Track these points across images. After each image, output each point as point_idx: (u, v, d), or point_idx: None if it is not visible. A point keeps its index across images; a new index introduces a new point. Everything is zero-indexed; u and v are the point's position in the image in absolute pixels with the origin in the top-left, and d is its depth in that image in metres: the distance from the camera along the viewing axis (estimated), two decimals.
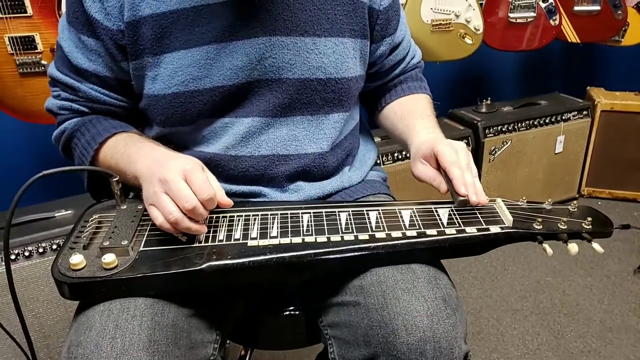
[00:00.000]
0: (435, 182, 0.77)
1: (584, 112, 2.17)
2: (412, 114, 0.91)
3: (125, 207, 0.75)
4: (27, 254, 1.30)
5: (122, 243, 0.67)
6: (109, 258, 0.64)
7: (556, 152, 2.17)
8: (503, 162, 2.06)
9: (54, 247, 1.33)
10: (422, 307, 0.65)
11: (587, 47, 2.16)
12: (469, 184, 0.72)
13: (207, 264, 0.65)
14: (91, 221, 0.74)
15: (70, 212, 1.39)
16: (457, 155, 0.74)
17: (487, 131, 1.99)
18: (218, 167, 0.80)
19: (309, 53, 0.79)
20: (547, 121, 2.10)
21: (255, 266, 0.66)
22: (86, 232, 0.71)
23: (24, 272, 1.31)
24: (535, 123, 2.08)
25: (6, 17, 1.22)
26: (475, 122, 2.00)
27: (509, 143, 2.04)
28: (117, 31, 0.74)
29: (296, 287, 0.84)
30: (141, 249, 0.68)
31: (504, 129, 2.02)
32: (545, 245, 0.71)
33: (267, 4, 0.75)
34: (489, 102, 2.11)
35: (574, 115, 2.15)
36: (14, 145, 1.64)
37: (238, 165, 0.80)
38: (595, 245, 0.71)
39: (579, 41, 2.11)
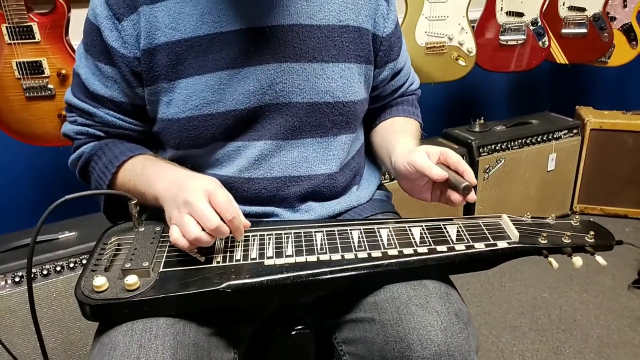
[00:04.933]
0: (434, 170, 0.75)
1: (574, 131, 2.22)
2: (403, 131, 0.93)
3: (143, 229, 0.77)
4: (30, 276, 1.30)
5: (143, 264, 0.69)
6: (132, 280, 0.66)
7: (548, 170, 2.22)
8: (497, 180, 2.10)
9: (58, 268, 1.33)
10: (436, 321, 0.67)
11: (575, 67, 2.23)
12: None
13: (226, 283, 0.67)
14: (110, 243, 0.75)
15: (74, 233, 1.40)
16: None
17: (481, 150, 2.04)
18: (232, 189, 0.82)
19: (318, 78, 0.82)
20: (538, 140, 2.15)
21: (273, 285, 0.68)
22: (106, 254, 0.73)
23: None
24: (528, 142, 2.13)
25: (15, 43, 1.25)
26: (470, 141, 2.05)
27: (502, 161, 2.09)
28: (133, 58, 0.77)
29: (307, 305, 0.86)
30: (161, 269, 0.70)
31: (497, 148, 2.07)
32: (551, 259, 0.74)
33: (278, 32, 0.79)
34: (482, 121, 2.16)
35: (564, 134, 2.21)
36: (20, 170, 1.65)
37: (251, 187, 0.83)
38: (599, 258, 0.74)
39: (567, 62, 2.18)
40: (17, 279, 1.29)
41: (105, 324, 0.68)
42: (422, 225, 0.78)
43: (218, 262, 0.71)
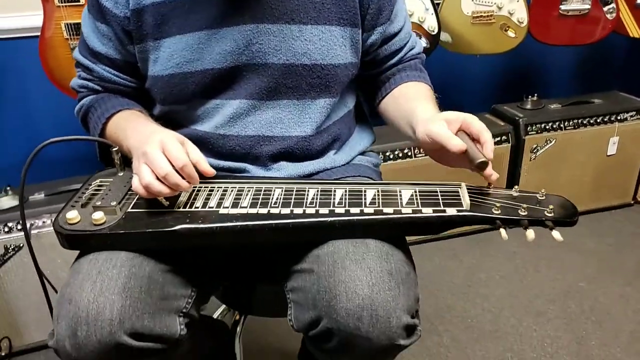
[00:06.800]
0: (452, 141, 0.71)
1: None
2: (417, 97, 0.89)
3: (122, 174, 0.85)
4: None
5: (111, 204, 0.77)
6: (98, 215, 0.75)
7: (608, 154, 2.05)
8: (546, 162, 1.98)
9: None
10: (365, 277, 0.69)
11: None
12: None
13: (180, 226, 0.73)
14: (93, 184, 0.85)
15: None
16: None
17: (529, 128, 1.93)
18: (208, 144, 0.88)
19: (295, 40, 0.84)
20: (598, 121, 1.99)
21: (221, 231, 0.74)
22: (87, 193, 0.82)
23: None
24: (585, 122, 1.98)
25: (63, 6, 1.38)
26: (517, 118, 1.94)
27: (553, 142, 1.97)
28: (123, 18, 0.84)
29: (277, 254, 0.90)
30: (128, 210, 0.77)
31: (548, 127, 1.95)
32: (502, 230, 0.72)
33: None
34: (535, 98, 2.03)
35: (631, 116, 2.03)
36: (70, 124, 1.82)
37: (226, 143, 0.88)
38: (555, 234, 0.71)
39: None
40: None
41: (79, 255, 0.78)
42: (378, 188, 0.79)
43: (179, 208, 0.78)
